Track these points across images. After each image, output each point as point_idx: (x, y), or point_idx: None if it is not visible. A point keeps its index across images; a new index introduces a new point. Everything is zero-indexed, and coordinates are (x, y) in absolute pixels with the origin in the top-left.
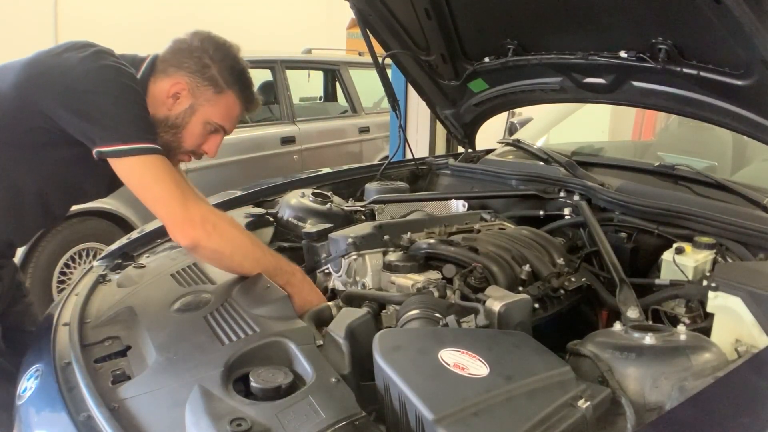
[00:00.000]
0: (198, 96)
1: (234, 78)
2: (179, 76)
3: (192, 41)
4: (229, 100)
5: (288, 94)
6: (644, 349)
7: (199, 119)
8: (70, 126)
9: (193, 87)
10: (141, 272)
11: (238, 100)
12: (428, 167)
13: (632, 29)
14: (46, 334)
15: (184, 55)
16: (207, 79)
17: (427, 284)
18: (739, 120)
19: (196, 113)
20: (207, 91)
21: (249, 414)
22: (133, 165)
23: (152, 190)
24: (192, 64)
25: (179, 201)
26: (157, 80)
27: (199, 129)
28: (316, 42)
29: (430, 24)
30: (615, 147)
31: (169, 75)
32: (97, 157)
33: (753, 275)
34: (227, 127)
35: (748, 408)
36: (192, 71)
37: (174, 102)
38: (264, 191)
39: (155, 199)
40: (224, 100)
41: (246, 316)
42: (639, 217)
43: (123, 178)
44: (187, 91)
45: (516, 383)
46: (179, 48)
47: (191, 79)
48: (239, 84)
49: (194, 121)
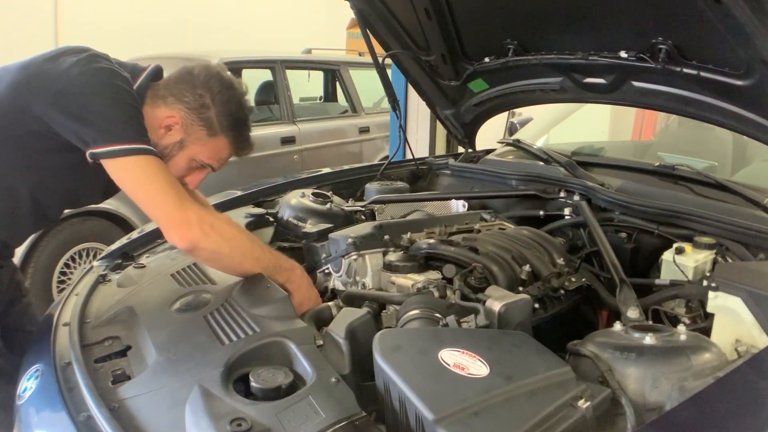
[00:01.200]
0: (190, 134)
1: (231, 124)
2: (176, 110)
3: (198, 75)
4: (220, 144)
5: (288, 94)
6: (644, 349)
7: (186, 155)
8: (64, 129)
9: (187, 124)
10: (141, 272)
11: (230, 145)
12: (428, 167)
13: (632, 29)
14: (46, 334)
15: (187, 88)
16: (202, 120)
17: (427, 284)
18: (739, 120)
19: (185, 149)
20: (199, 132)
21: (249, 414)
22: (127, 165)
23: (147, 190)
24: (191, 100)
25: (175, 202)
26: (155, 105)
27: (184, 163)
28: (316, 42)
29: (430, 24)
30: (615, 147)
31: (168, 104)
32: (91, 159)
33: (753, 275)
34: (214, 166)
35: (748, 408)
36: (189, 107)
37: (165, 132)
38: (264, 191)
39: (150, 200)
40: (215, 143)
41: (246, 316)
42: (639, 217)
43: (117, 179)
44: (179, 126)
45: (516, 383)
46: (183, 78)
47: (186, 115)
48: (235, 131)
49: (181, 155)
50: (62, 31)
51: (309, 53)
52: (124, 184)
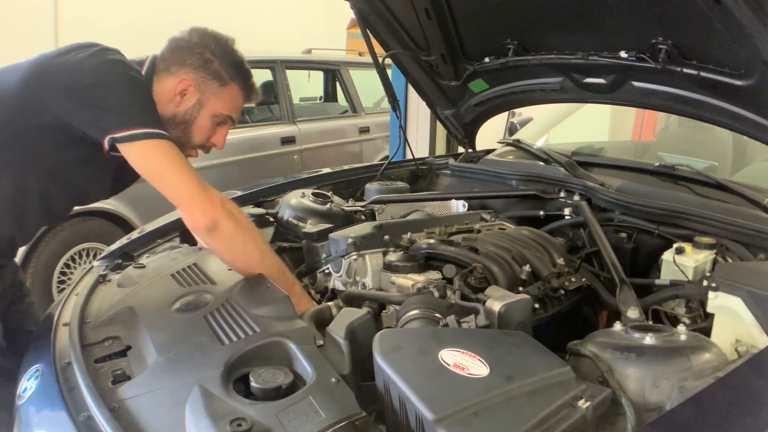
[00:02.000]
0: (204, 90)
1: (236, 70)
2: (184, 73)
3: (191, 38)
4: (233, 92)
5: (288, 94)
6: (644, 349)
7: (207, 113)
8: (80, 120)
9: (199, 82)
10: (141, 272)
11: (241, 91)
12: (428, 167)
13: (632, 29)
14: (46, 334)
15: (186, 53)
16: (211, 74)
17: (427, 284)
18: (739, 120)
19: (204, 107)
20: (212, 85)
21: (249, 414)
22: (147, 148)
23: (169, 171)
24: (195, 60)
25: (198, 182)
26: (161, 80)
27: (207, 122)
28: (316, 42)
29: (430, 24)
30: (615, 147)
31: (173, 73)
32: (108, 146)
33: (753, 275)
34: (234, 117)
35: (748, 408)
36: (196, 67)
37: (181, 99)
38: (264, 191)
39: (173, 180)
40: (229, 92)
41: (246, 316)
42: (639, 217)
43: (137, 162)
44: (193, 87)
45: (516, 383)
46: (179, 46)
47: (196, 75)
48: (241, 75)
49: (202, 115)
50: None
51: (309, 53)
52: (144, 166)
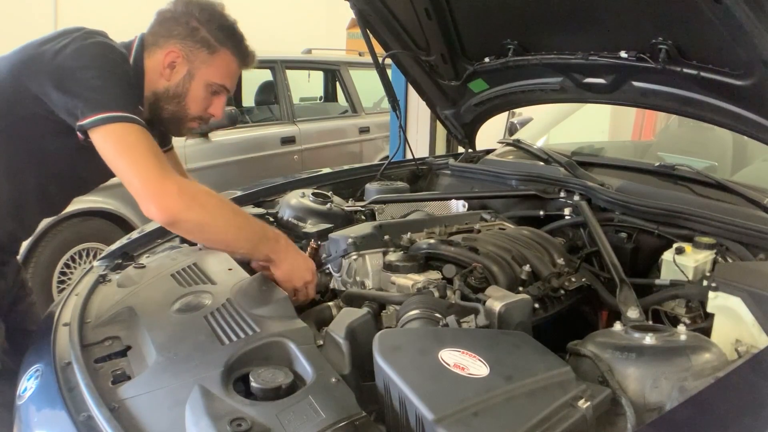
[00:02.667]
0: (193, 60)
1: (225, 35)
2: (171, 45)
3: (176, 8)
4: (225, 58)
5: (288, 94)
6: (644, 349)
7: (199, 83)
8: (57, 106)
9: (187, 52)
10: (141, 272)
11: (234, 56)
12: (428, 167)
13: (632, 29)
14: (46, 334)
15: (172, 23)
16: (199, 42)
17: (427, 284)
18: (739, 120)
19: (195, 77)
20: (201, 53)
21: (249, 414)
22: (108, 132)
23: (126, 157)
24: (181, 30)
25: (156, 170)
26: (151, 55)
27: (201, 93)
28: (316, 42)
29: (430, 24)
30: (615, 147)
31: (161, 46)
32: (80, 134)
33: (753, 275)
34: (228, 86)
35: (748, 408)
36: (183, 37)
37: (171, 71)
38: (264, 191)
39: (128, 167)
40: (220, 59)
41: (246, 316)
42: (639, 217)
43: (99, 149)
44: (181, 57)
45: (516, 383)
46: (165, 18)
47: (183, 45)
48: (231, 40)
49: (194, 85)
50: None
51: (309, 53)
52: (104, 153)
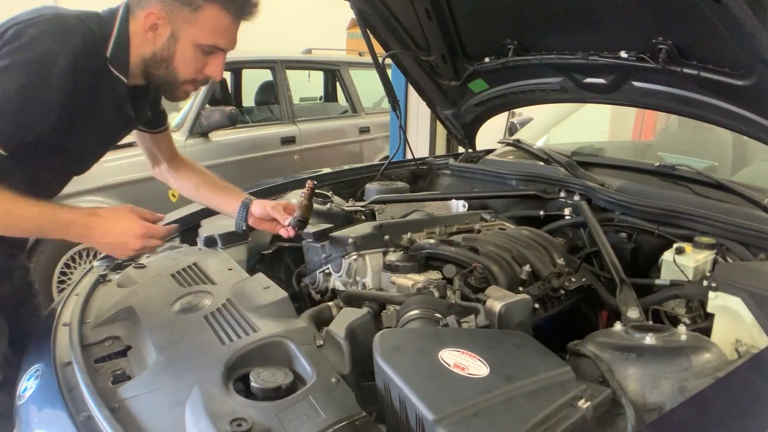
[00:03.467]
0: (175, 21)
1: None
2: (150, 6)
3: None
4: (211, 14)
5: (288, 94)
6: (644, 349)
7: (186, 44)
8: None
9: (167, 12)
10: (141, 272)
11: (224, 10)
12: (428, 167)
13: (632, 29)
14: (46, 334)
15: None
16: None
17: (427, 284)
18: (739, 120)
19: (180, 39)
20: (183, 12)
21: (249, 414)
22: None
23: None
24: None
25: None
26: (135, 18)
27: (189, 54)
28: (316, 42)
29: (431, 24)
30: (615, 147)
31: (142, 6)
32: None
33: (753, 275)
34: (222, 44)
35: (749, 408)
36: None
37: (154, 34)
38: (264, 191)
39: None
40: (205, 16)
41: (246, 316)
42: (639, 217)
43: None
44: (162, 18)
45: (516, 383)
46: None
47: (164, 5)
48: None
49: (180, 47)
50: None
51: (309, 53)
52: None
